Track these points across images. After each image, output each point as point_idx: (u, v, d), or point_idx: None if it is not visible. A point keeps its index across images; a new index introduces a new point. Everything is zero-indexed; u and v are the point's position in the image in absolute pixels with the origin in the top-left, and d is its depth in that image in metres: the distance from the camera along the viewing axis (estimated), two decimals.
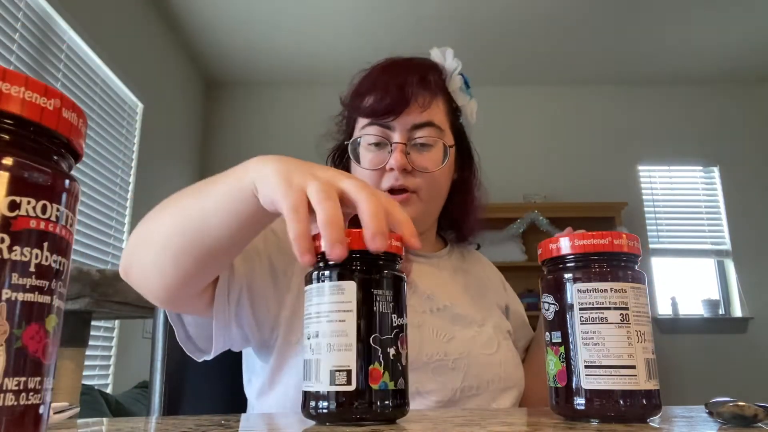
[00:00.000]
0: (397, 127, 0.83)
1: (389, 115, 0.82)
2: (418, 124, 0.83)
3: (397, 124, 0.83)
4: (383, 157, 0.83)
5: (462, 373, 0.76)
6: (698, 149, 4.17)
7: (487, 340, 0.81)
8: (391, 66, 0.88)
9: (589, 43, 3.77)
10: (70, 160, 0.27)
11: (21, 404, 0.22)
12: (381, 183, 0.83)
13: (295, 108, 4.18)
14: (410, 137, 0.83)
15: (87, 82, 2.65)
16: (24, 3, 2.21)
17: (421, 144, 0.84)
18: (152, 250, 0.59)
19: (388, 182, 0.82)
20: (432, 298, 0.82)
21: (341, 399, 0.42)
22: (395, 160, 0.81)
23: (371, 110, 0.84)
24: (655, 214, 4.12)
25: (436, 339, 0.77)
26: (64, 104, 0.26)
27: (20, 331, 0.22)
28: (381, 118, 0.83)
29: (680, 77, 4.18)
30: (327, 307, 0.44)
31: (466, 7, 3.36)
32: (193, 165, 4.01)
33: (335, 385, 0.42)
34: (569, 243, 0.47)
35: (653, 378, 0.44)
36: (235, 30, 3.61)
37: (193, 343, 0.73)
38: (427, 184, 0.83)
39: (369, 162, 0.84)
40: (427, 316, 0.79)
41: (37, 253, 0.23)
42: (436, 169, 0.83)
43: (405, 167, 0.81)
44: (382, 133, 0.83)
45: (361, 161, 0.85)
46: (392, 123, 0.83)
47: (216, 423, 0.44)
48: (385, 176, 0.83)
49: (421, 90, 0.84)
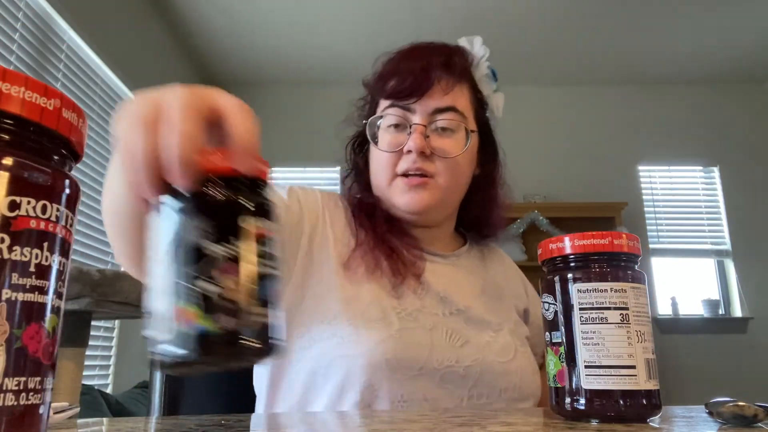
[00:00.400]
0: (418, 110, 0.80)
1: (410, 97, 0.80)
2: (440, 108, 0.80)
3: (418, 107, 0.80)
4: (401, 139, 0.80)
5: (471, 381, 0.72)
6: (698, 149, 4.17)
7: (502, 346, 0.77)
8: (416, 49, 0.85)
9: (589, 43, 3.77)
10: (70, 160, 0.27)
11: (21, 404, 0.22)
12: (397, 166, 0.80)
13: (296, 108, 4.18)
14: (431, 121, 0.80)
15: (87, 82, 2.65)
16: (24, 3, 2.21)
17: (442, 128, 0.81)
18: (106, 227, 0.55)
19: (405, 165, 0.80)
20: (446, 299, 0.78)
21: (160, 346, 0.35)
22: (413, 142, 0.78)
23: (393, 92, 0.81)
24: (655, 214, 4.12)
25: (448, 343, 0.73)
26: (64, 104, 0.26)
27: (20, 331, 0.22)
28: (402, 100, 0.80)
29: (680, 77, 4.18)
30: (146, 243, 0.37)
31: (466, 6, 3.36)
32: None
33: (153, 330, 0.35)
34: (569, 243, 0.47)
35: (653, 378, 0.44)
36: (235, 30, 3.61)
37: None
38: (445, 170, 0.79)
39: (387, 143, 0.81)
40: (440, 319, 0.75)
41: (37, 253, 0.23)
42: (457, 154, 0.80)
43: (423, 150, 0.78)
44: (402, 115, 0.81)
45: (379, 143, 0.82)
46: (413, 106, 0.80)
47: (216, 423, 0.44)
48: (402, 159, 0.80)
49: (444, 73, 0.81)
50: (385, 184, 0.82)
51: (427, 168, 0.79)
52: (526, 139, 4.16)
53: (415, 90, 0.80)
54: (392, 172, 0.81)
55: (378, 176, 0.83)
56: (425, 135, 0.79)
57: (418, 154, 0.78)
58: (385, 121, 0.82)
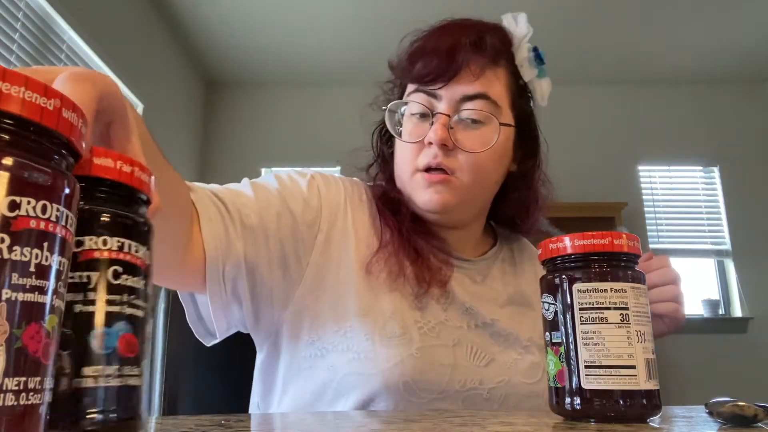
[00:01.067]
0: (445, 97, 0.71)
1: (436, 82, 0.71)
2: (469, 96, 0.71)
3: (445, 93, 0.71)
4: (424, 130, 0.72)
5: (497, 405, 0.67)
6: (698, 149, 4.17)
7: (530, 365, 0.71)
8: (446, 27, 0.76)
9: (589, 43, 3.77)
10: (70, 160, 0.27)
11: (21, 404, 0.22)
12: (418, 160, 0.72)
13: (296, 108, 4.18)
14: (458, 109, 0.71)
15: None
16: (24, 3, 2.21)
17: (472, 120, 0.72)
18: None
19: (426, 159, 0.71)
20: (471, 311, 0.72)
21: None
22: (434, 133, 0.70)
23: (418, 75, 0.73)
24: (655, 214, 4.12)
25: (473, 362, 0.68)
26: (64, 104, 0.26)
27: (20, 331, 0.22)
28: (428, 85, 0.72)
29: (680, 77, 4.18)
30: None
31: (463, 10, 3.36)
32: (193, 165, 4.01)
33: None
34: (569, 243, 0.47)
35: (653, 378, 0.44)
36: (235, 30, 3.61)
37: (204, 325, 0.66)
38: (469, 167, 0.71)
39: (408, 134, 0.74)
40: (464, 333, 0.70)
41: (37, 253, 0.23)
42: (483, 150, 0.71)
43: (445, 142, 0.70)
44: (427, 102, 0.73)
45: (402, 133, 0.75)
46: (439, 92, 0.72)
47: (216, 423, 0.44)
48: (423, 152, 0.72)
49: (475, 55, 0.72)
50: (407, 178, 0.74)
51: (448, 163, 0.70)
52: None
53: (441, 74, 0.71)
54: (413, 166, 0.73)
55: (400, 169, 0.76)
56: (449, 126, 0.71)
57: (440, 146, 0.70)
58: (409, 108, 0.75)
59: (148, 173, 0.32)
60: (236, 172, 4.15)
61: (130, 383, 0.28)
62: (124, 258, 0.29)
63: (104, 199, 0.30)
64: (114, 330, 0.28)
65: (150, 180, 0.32)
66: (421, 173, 0.72)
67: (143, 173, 0.32)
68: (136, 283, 0.29)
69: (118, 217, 0.30)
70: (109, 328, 0.27)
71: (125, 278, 0.29)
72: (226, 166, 4.18)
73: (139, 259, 0.30)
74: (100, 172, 0.29)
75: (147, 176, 0.32)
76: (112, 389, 0.27)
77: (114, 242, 0.29)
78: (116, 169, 0.30)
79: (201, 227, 0.60)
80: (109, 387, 0.27)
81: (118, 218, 0.29)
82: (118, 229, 0.29)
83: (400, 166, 0.76)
